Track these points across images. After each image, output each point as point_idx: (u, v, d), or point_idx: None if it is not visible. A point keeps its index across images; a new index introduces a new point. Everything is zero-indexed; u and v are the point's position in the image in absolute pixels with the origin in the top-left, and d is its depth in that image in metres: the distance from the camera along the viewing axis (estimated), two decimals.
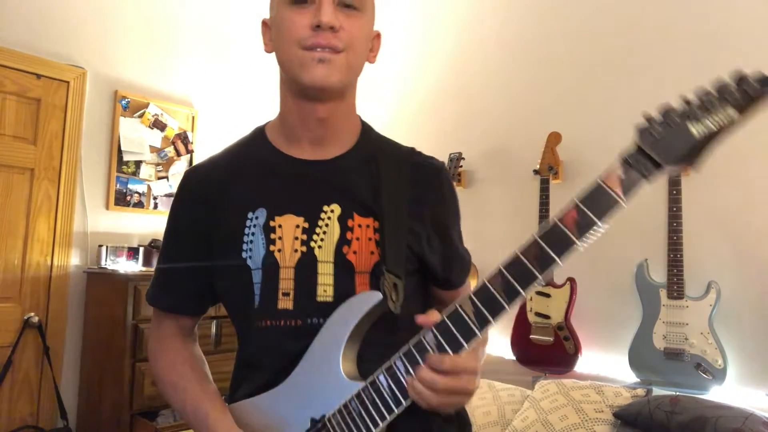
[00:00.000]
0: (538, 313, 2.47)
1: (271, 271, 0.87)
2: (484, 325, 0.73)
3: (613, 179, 0.68)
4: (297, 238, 0.87)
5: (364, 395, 0.79)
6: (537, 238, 0.70)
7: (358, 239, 0.87)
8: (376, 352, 0.81)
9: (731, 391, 2.01)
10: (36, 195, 2.76)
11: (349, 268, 0.86)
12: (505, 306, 0.72)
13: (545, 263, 0.70)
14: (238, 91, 3.53)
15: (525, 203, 2.67)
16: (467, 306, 0.74)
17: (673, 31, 2.33)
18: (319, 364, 0.84)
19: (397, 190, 0.90)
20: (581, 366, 2.38)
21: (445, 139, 3.09)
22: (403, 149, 0.97)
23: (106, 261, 2.83)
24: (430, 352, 0.75)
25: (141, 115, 3.14)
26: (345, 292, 0.85)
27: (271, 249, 0.87)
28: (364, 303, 0.82)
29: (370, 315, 0.82)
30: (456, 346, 0.74)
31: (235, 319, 0.95)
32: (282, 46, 0.86)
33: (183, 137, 3.31)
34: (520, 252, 0.72)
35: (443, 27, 3.27)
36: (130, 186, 3.09)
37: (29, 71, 2.74)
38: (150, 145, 3.17)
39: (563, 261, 0.69)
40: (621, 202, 0.67)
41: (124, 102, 3.08)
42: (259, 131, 0.98)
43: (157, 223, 3.17)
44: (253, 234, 0.88)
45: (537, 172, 2.55)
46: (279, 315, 0.87)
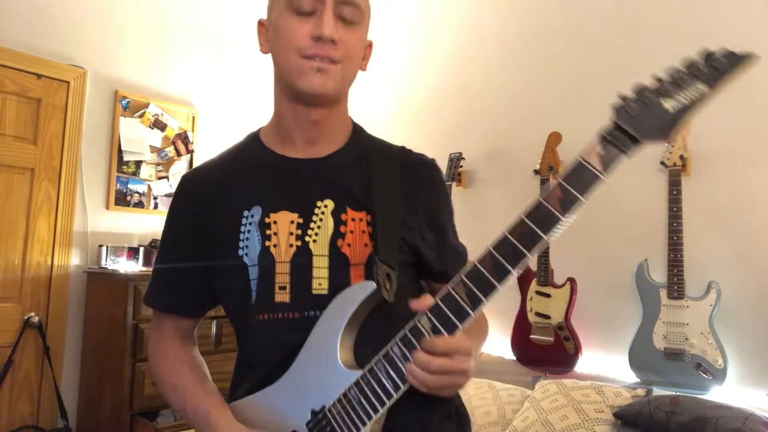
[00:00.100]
0: (538, 313, 2.47)
1: (267, 266, 0.89)
2: (477, 305, 0.74)
3: (593, 156, 0.71)
4: (292, 233, 0.89)
5: (362, 383, 0.80)
6: (523, 217, 0.73)
7: (351, 232, 0.89)
8: (372, 342, 0.82)
9: (731, 392, 2.01)
10: (36, 195, 2.76)
11: (343, 260, 0.88)
12: (496, 285, 0.73)
13: (533, 241, 0.72)
14: (239, 91, 3.53)
15: (525, 203, 2.66)
16: (459, 288, 0.75)
17: (673, 30, 2.32)
18: (316, 355, 0.85)
19: (389, 185, 0.92)
20: (581, 366, 2.38)
21: (446, 139, 3.09)
22: (394, 148, 1.00)
23: (106, 261, 2.83)
24: (426, 335, 0.76)
25: (141, 115, 3.14)
26: (340, 285, 0.86)
27: (267, 244, 0.89)
28: (359, 293, 0.83)
29: (365, 304, 0.83)
30: (451, 328, 0.75)
31: (234, 317, 0.96)
32: (281, 51, 0.88)
33: (183, 137, 3.32)
34: (507, 232, 0.74)
35: (443, 27, 3.27)
36: (131, 186, 3.10)
37: (29, 71, 2.74)
38: (150, 145, 3.17)
39: (550, 238, 0.72)
40: (602, 177, 0.70)
41: (124, 102, 3.08)
42: (254, 135, 1.01)
43: (157, 223, 3.17)
44: (249, 231, 0.90)
45: (537, 172, 2.55)
46: (276, 308, 0.88)
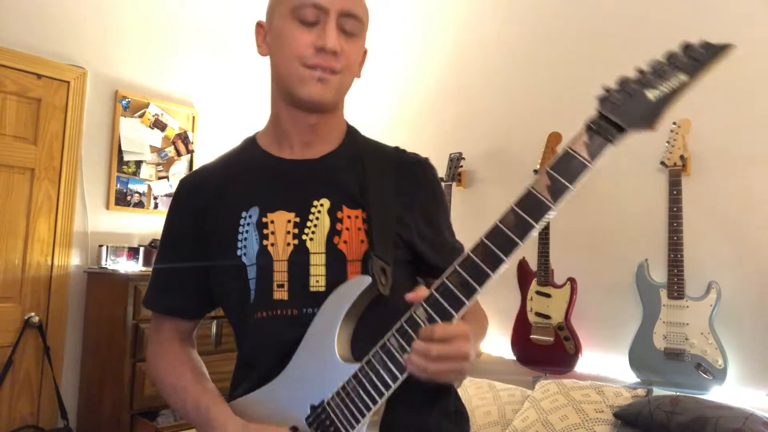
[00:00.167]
0: (538, 313, 2.47)
1: (265, 265, 0.90)
2: (472, 293, 0.75)
3: (579, 145, 0.73)
4: (289, 232, 0.90)
5: (360, 375, 0.80)
6: (513, 206, 0.74)
7: (348, 229, 0.90)
8: (369, 337, 0.82)
9: (731, 392, 2.00)
10: (36, 195, 2.76)
11: (340, 257, 0.89)
12: (490, 273, 0.74)
13: (524, 229, 0.73)
14: (239, 91, 3.53)
15: None
16: (454, 277, 0.76)
17: (673, 31, 2.32)
18: (314, 351, 0.85)
19: (384, 183, 0.94)
20: (581, 366, 2.38)
21: (446, 139, 3.09)
22: (388, 148, 1.02)
23: (106, 261, 2.83)
24: (422, 325, 0.77)
25: (141, 115, 3.14)
26: (337, 281, 0.87)
27: (264, 243, 0.90)
28: (355, 287, 0.84)
29: (361, 299, 0.84)
30: (446, 317, 0.76)
31: (233, 317, 0.97)
32: (282, 58, 0.90)
33: (183, 137, 3.32)
34: (499, 221, 0.75)
35: (443, 27, 3.27)
36: (131, 186, 3.09)
37: (30, 71, 2.74)
38: (150, 145, 3.17)
39: (540, 226, 0.73)
40: (588, 165, 0.72)
41: (124, 102, 3.08)
42: (250, 139, 1.03)
43: (157, 223, 3.16)
44: (246, 232, 0.92)
45: (537, 172, 2.55)
46: (275, 305, 0.89)
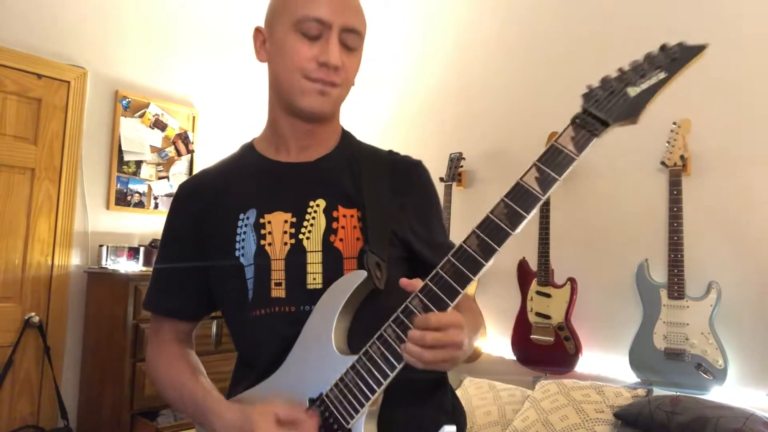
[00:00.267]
0: (538, 313, 2.47)
1: (263, 264, 0.92)
2: (466, 282, 0.77)
3: (566, 139, 0.76)
4: (286, 232, 0.92)
5: (358, 366, 0.81)
6: (504, 198, 0.77)
7: (343, 228, 0.93)
8: (365, 331, 0.83)
9: (732, 392, 2.00)
10: (36, 195, 2.76)
11: (336, 254, 0.91)
12: (483, 263, 0.76)
13: (515, 220, 0.76)
14: (239, 91, 3.53)
15: None
16: (448, 267, 0.78)
17: (673, 31, 2.32)
18: (312, 345, 0.86)
19: (379, 183, 0.96)
20: (582, 366, 2.38)
21: (446, 139, 3.09)
22: (382, 151, 1.05)
23: (106, 261, 2.83)
24: (418, 315, 0.78)
25: (141, 115, 3.14)
26: (334, 278, 0.89)
27: (262, 243, 0.92)
28: (351, 282, 0.86)
29: (357, 292, 0.86)
30: (441, 306, 0.77)
31: (231, 317, 0.98)
32: (283, 69, 0.92)
33: (183, 137, 3.31)
34: (490, 213, 0.78)
35: (443, 28, 3.27)
36: (131, 186, 3.09)
37: (30, 71, 2.74)
38: (150, 145, 3.17)
39: (531, 215, 0.76)
40: (575, 157, 0.75)
41: (124, 102, 3.08)
42: (248, 145, 1.05)
43: (157, 223, 3.16)
44: (244, 233, 0.94)
45: None
46: (273, 303, 0.91)
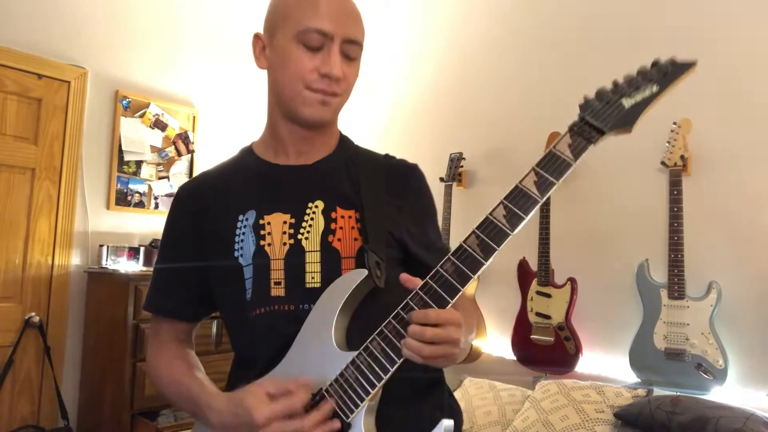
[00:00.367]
0: (538, 314, 2.47)
1: (262, 264, 0.93)
2: (466, 280, 0.78)
3: (563, 146, 0.80)
4: (285, 233, 0.94)
5: (358, 361, 0.82)
6: (504, 200, 0.80)
7: (341, 228, 0.94)
8: (364, 329, 0.84)
9: (732, 392, 2.01)
10: (37, 195, 2.76)
11: (335, 254, 0.93)
12: (483, 262, 0.78)
13: (514, 221, 0.79)
14: (239, 91, 3.52)
15: None
16: (448, 266, 0.80)
17: (673, 31, 2.32)
18: (312, 341, 0.87)
19: (376, 186, 0.98)
20: (582, 366, 2.38)
21: (446, 139, 3.09)
22: (378, 155, 1.07)
23: (106, 261, 2.83)
24: (417, 311, 0.80)
25: (142, 115, 3.14)
26: (332, 277, 0.90)
27: (261, 244, 0.94)
28: (352, 280, 0.87)
29: (357, 290, 0.87)
30: (441, 304, 0.79)
31: (230, 318, 0.99)
32: (285, 78, 0.92)
33: (184, 137, 3.32)
34: (490, 214, 0.80)
35: (443, 27, 3.27)
36: (131, 186, 3.09)
37: (30, 71, 2.74)
38: (151, 145, 3.17)
39: (529, 217, 0.79)
40: (572, 163, 0.79)
41: (125, 102, 3.08)
42: (247, 149, 1.06)
43: (157, 223, 3.16)
44: (243, 234, 0.95)
45: None
46: (272, 302, 0.92)
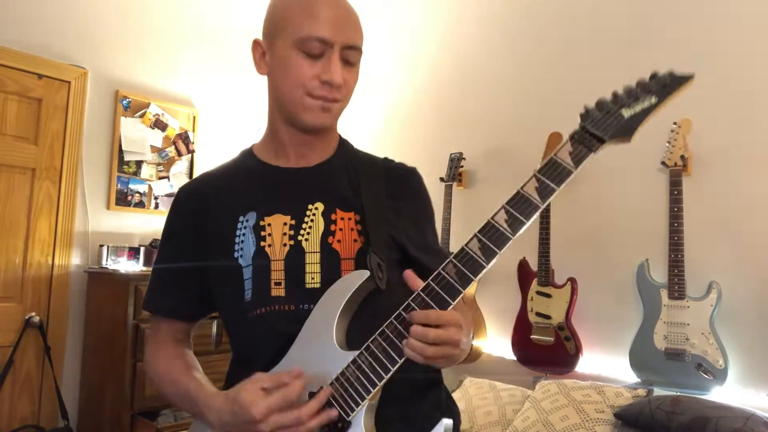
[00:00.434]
0: (538, 314, 2.47)
1: (262, 265, 0.94)
2: (467, 282, 0.80)
3: (564, 153, 0.82)
4: (285, 234, 0.95)
5: (359, 361, 0.82)
6: (505, 205, 0.82)
7: (341, 230, 0.95)
8: (365, 330, 0.84)
9: (732, 392, 2.01)
10: (37, 195, 2.76)
11: (334, 255, 0.94)
12: (484, 264, 0.80)
13: (515, 226, 0.80)
14: (239, 91, 3.52)
15: None
16: (450, 268, 0.81)
17: (674, 31, 2.32)
18: (312, 341, 0.87)
19: (376, 188, 0.99)
20: (582, 366, 2.38)
21: (446, 138, 3.09)
22: (377, 158, 1.08)
23: (107, 261, 2.83)
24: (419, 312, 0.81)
25: (142, 115, 3.14)
26: (332, 278, 0.91)
27: (262, 245, 0.94)
28: (354, 280, 0.88)
29: (359, 291, 0.87)
30: (443, 305, 0.80)
31: (230, 318, 1.00)
32: (285, 85, 0.93)
33: (184, 137, 3.32)
34: (492, 218, 0.82)
35: (445, 27, 3.27)
36: (131, 186, 3.10)
37: (30, 71, 2.75)
38: (151, 145, 3.17)
39: (530, 222, 0.81)
40: (572, 170, 0.81)
41: (125, 102, 3.08)
42: (247, 151, 1.07)
43: (158, 223, 3.16)
44: (243, 235, 0.95)
45: None
46: (272, 301, 0.92)
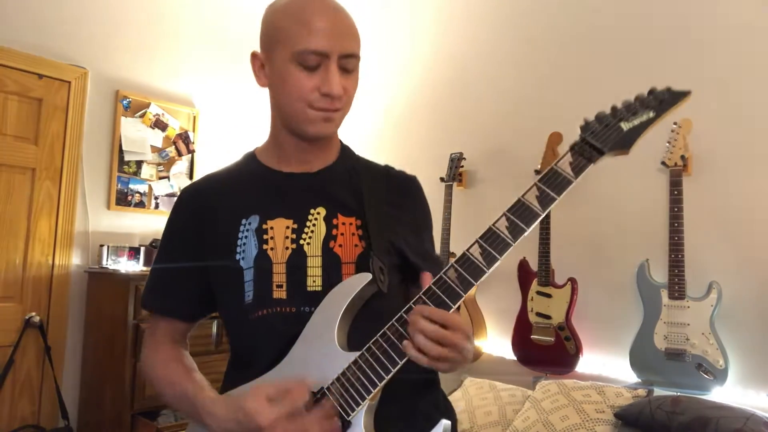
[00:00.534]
0: (539, 314, 2.47)
1: (264, 267, 0.94)
2: (468, 287, 0.81)
3: (565, 164, 0.84)
4: (287, 238, 0.96)
5: (360, 361, 0.83)
6: (506, 212, 0.83)
7: (342, 234, 0.96)
8: (365, 333, 0.84)
9: (732, 392, 2.01)
10: (37, 195, 2.77)
11: (335, 259, 0.95)
12: (485, 270, 0.81)
13: (516, 233, 0.82)
14: (239, 91, 3.52)
15: None
16: (451, 273, 0.82)
17: (673, 32, 2.32)
18: (314, 342, 0.88)
19: (377, 195, 1.01)
20: (582, 366, 2.38)
21: (447, 139, 3.09)
22: (379, 165, 1.09)
23: (107, 261, 2.83)
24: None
25: (142, 115, 3.15)
26: (333, 282, 0.92)
27: (264, 248, 0.95)
28: (356, 283, 0.89)
29: (361, 294, 0.88)
30: (444, 308, 0.81)
31: (230, 319, 1.00)
32: (286, 98, 0.93)
33: (184, 137, 3.32)
34: (493, 225, 0.83)
35: (445, 26, 3.27)
36: (132, 186, 3.10)
37: (31, 71, 2.75)
38: (151, 145, 3.17)
39: (530, 229, 0.82)
40: (572, 180, 0.83)
41: (125, 102, 3.08)
42: (250, 155, 1.07)
43: (158, 223, 3.17)
44: (246, 237, 0.96)
45: (538, 172, 2.55)
46: (274, 303, 0.93)
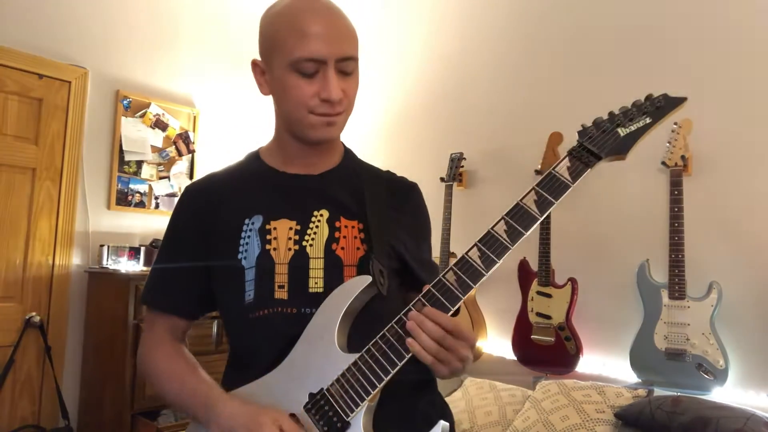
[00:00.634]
0: (539, 314, 2.47)
1: (267, 268, 0.95)
2: (467, 290, 0.82)
3: (563, 168, 0.86)
4: (290, 239, 0.96)
5: (360, 363, 0.83)
6: (505, 216, 0.85)
7: (345, 237, 0.97)
8: (364, 335, 0.85)
9: (733, 392, 2.00)
10: (38, 195, 2.77)
11: (337, 262, 0.95)
12: (484, 273, 0.82)
13: (515, 237, 0.83)
14: (239, 91, 3.52)
15: None
16: (450, 275, 0.83)
17: (673, 32, 2.32)
18: (314, 343, 0.88)
19: (379, 199, 1.01)
20: (582, 366, 2.38)
21: (447, 138, 3.09)
22: (381, 170, 1.11)
23: (107, 261, 2.83)
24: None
25: (142, 115, 3.15)
26: (334, 284, 0.92)
27: (267, 248, 0.96)
28: (356, 285, 0.89)
29: (361, 296, 0.89)
30: (443, 310, 0.81)
31: (230, 318, 1.00)
32: (288, 106, 0.94)
33: (184, 137, 3.32)
34: (492, 228, 0.85)
35: (445, 27, 3.26)
36: (132, 186, 3.10)
37: (31, 71, 2.75)
38: (151, 145, 3.17)
39: (529, 233, 0.83)
40: (570, 185, 0.85)
41: (125, 102, 3.08)
42: (254, 155, 1.08)
43: (158, 223, 3.17)
44: (249, 237, 0.96)
45: (538, 172, 2.55)
46: (275, 303, 0.93)
